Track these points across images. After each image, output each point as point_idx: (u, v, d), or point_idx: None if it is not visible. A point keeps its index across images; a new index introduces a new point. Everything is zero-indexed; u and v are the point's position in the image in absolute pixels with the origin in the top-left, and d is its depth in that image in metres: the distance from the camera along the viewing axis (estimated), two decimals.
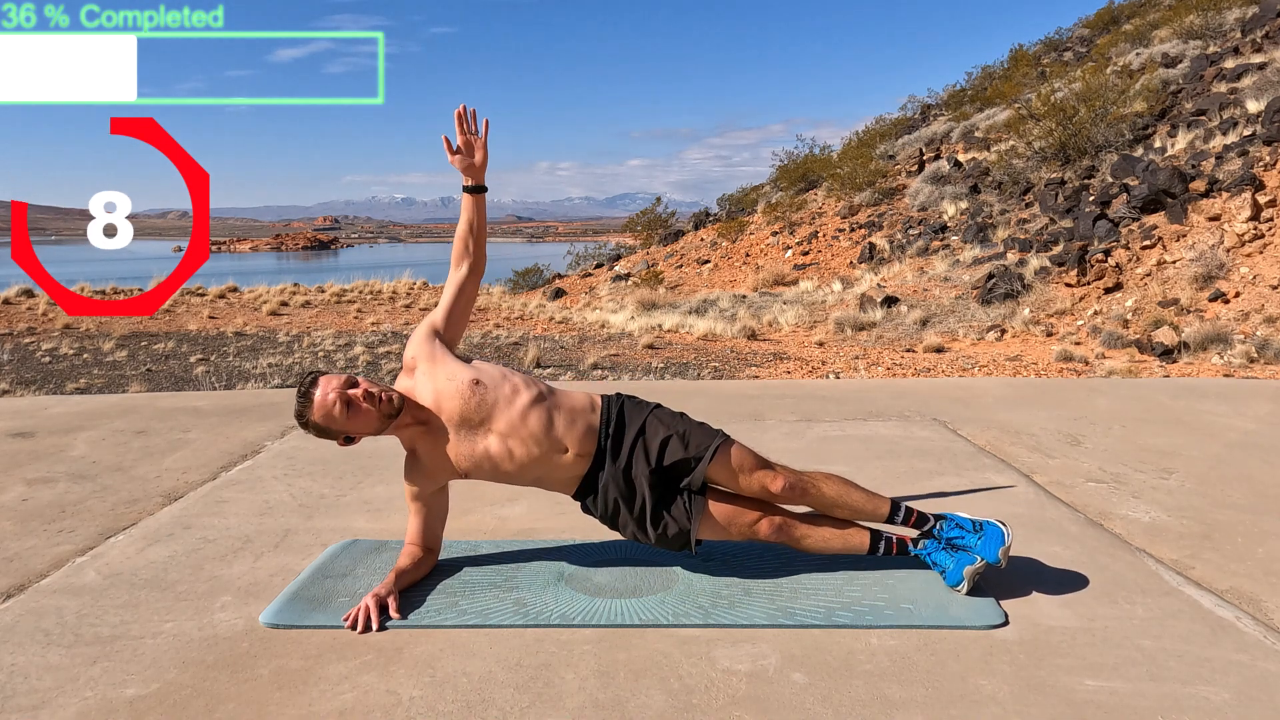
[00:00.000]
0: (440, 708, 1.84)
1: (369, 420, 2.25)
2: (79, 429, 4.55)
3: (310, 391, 2.24)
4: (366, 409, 2.23)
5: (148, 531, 2.97)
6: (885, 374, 8.85)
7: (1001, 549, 2.29)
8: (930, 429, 4.36)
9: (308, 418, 2.25)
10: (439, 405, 2.29)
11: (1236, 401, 5.01)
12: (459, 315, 2.43)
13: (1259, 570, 2.56)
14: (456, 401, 2.28)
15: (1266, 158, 11.83)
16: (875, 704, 1.83)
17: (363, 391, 2.23)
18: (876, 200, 22.06)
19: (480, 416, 2.28)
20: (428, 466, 2.36)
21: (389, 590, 2.27)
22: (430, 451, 2.34)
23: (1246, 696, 1.85)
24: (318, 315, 14.65)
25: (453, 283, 2.44)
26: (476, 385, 2.28)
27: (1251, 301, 9.81)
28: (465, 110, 2.44)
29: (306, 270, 65.80)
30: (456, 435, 2.30)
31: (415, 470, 2.39)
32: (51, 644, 2.14)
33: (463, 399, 2.28)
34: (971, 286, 13.13)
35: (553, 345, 11.35)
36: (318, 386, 2.25)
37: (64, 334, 12.17)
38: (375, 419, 2.25)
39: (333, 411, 2.22)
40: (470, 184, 2.44)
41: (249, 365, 9.64)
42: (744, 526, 2.37)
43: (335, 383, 2.24)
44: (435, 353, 2.35)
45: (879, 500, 2.41)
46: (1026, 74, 25.03)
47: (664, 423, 2.39)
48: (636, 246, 31.12)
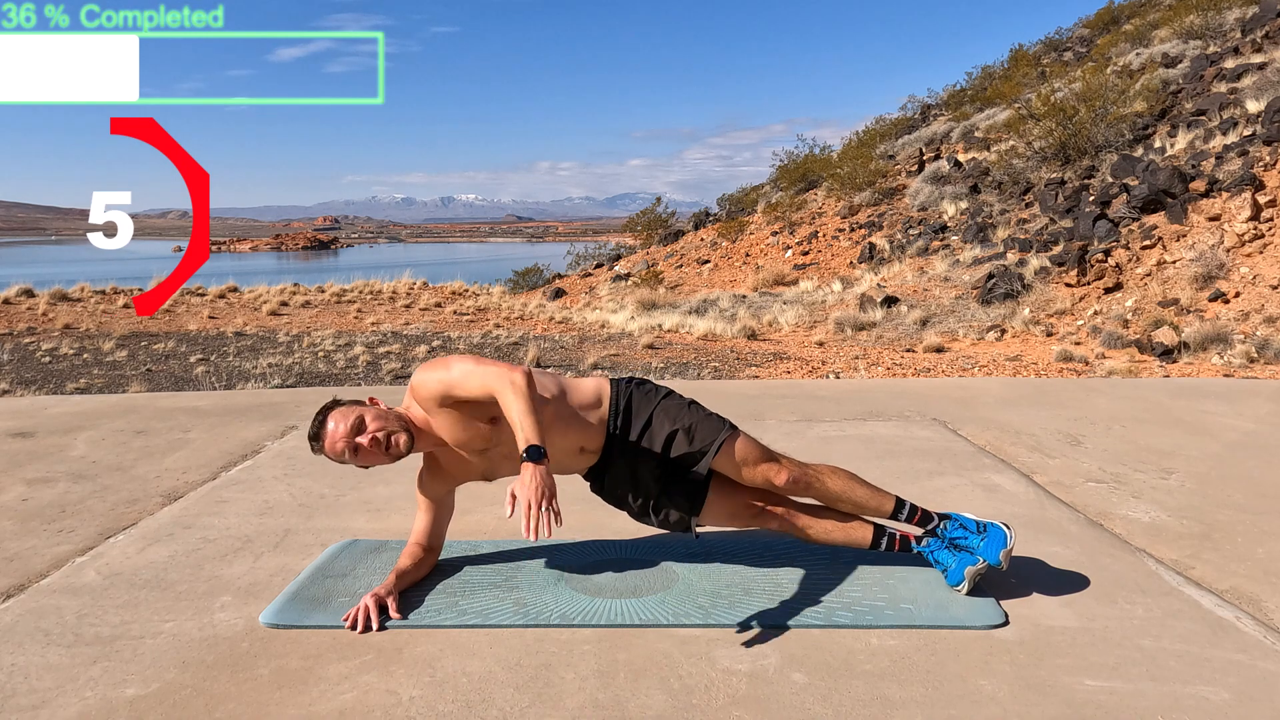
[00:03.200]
0: (440, 708, 1.84)
1: (379, 460, 2.25)
2: (79, 429, 4.55)
3: (321, 431, 2.23)
4: (374, 453, 2.22)
5: (148, 531, 2.98)
6: (885, 374, 8.85)
7: (1003, 551, 2.29)
8: (930, 429, 4.36)
9: (320, 450, 2.25)
10: (456, 439, 2.31)
11: (1236, 401, 5.01)
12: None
13: (1259, 570, 2.56)
14: (475, 438, 2.30)
15: (1266, 158, 11.83)
16: (875, 704, 1.83)
17: (369, 439, 2.20)
18: (876, 200, 22.05)
19: (497, 442, 2.31)
20: (448, 472, 2.40)
21: (389, 590, 2.28)
22: (451, 462, 2.38)
23: (1246, 696, 1.85)
24: (318, 315, 14.64)
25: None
26: (494, 423, 2.27)
27: (1251, 301, 9.81)
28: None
29: (306, 270, 65.80)
30: (475, 456, 2.34)
31: (435, 472, 2.41)
32: (51, 644, 2.14)
33: (482, 438, 2.30)
34: (971, 286, 13.13)
35: (553, 345, 11.35)
36: (330, 419, 2.23)
37: (64, 334, 12.17)
38: (386, 459, 2.25)
39: (342, 456, 2.23)
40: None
41: (249, 365, 9.64)
42: (748, 517, 2.39)
43: (344, 428, 2.20)
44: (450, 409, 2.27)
45: (883, 496, 2.42)
46: (1026, 74, 25.00)
47: (671, 416, 2.38)
48: (636, 246, 31.09)
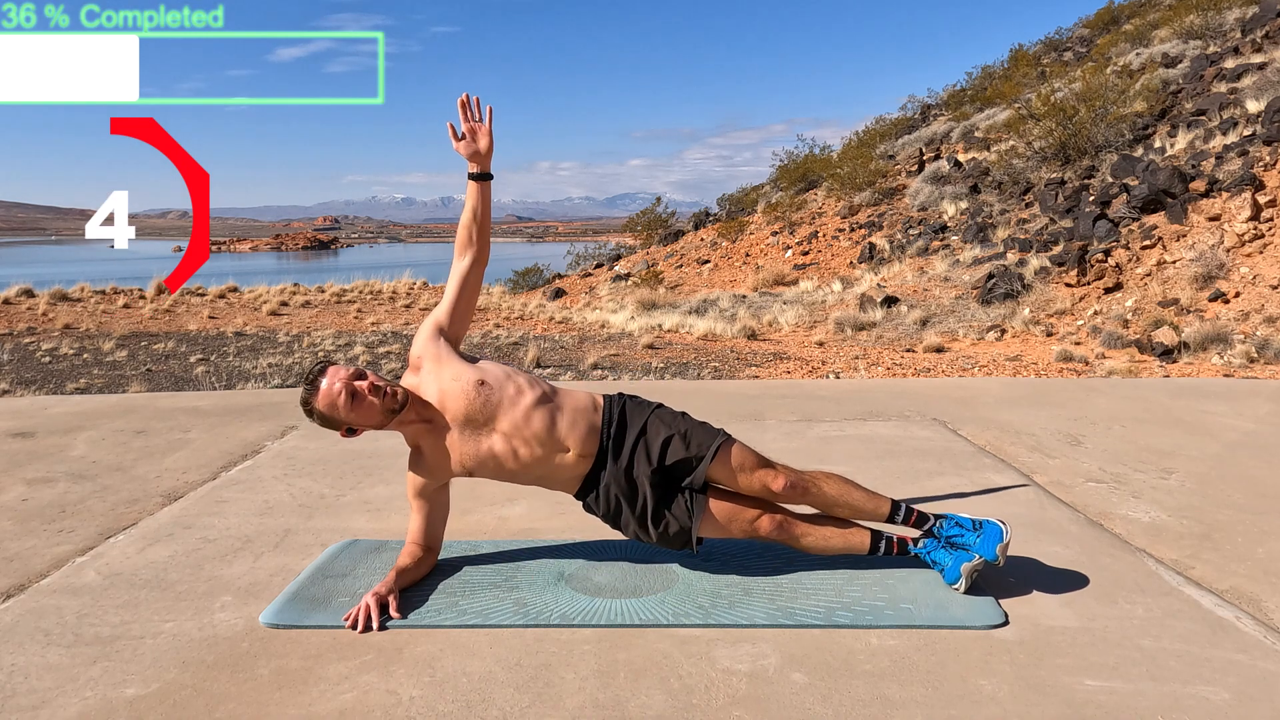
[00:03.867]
0: (440, 708, 1.84)
1: (372, 413, 2.26)
2: (79, 429, 4.55)
3: (318, 380, 2.27)
4: (371, 402, 2.24)
5: (148, 531, 2.97)
6: (885, 374, 8.85)
7: (1000, 546, 2.29)
8: (930, 429, 4.36)
9: (312, 405, 2.27)
10: (443, 404, 2.31)
11: (1236, 401, 5.01)
12: (463, 310, 2.44)
13: (1259, 570, 2.56)
14: (461, 401, 2.29)
15: (1266, 158, 11.83)
16: (875, 704, 1.83)
17: (369, 384, 2.25)
18: (876, 200, 22.05)
19: (484, 416, 2.30)
20: (431, 464, 2.38)
21: (389, 590, 2.28)
22: (434, 449, 2.35)
23: (1246, 696, 1.85)
24: (318, 315, 14.64)
25: (456, 274, 2.44)
26: (481, 386, 2.29)
27: (1251, 301, 9.81)
28: (469, 99, 2.45)
29: (306, 270, 65.79)
30: (461, 434, 2.31)
31: (419, 467, 2.40)
32: (51, 644, 2.14)
33: (467, 399, 2.29)
34: (971, 286, 13.13)
35: (553, 345, 11.35)
36: (325, 375, 2.27)
37: (64, 334, 12.17)
38: (378, 413, 2.26)
39: (337, 401, 2.24)
40: (475, 170, 2.45)
41: (249, 365, 9.64)
42: (744, 524, 2.38)
43: (343, 373, 2.26)
44: (440, 352, 2.36)
45: (880, 500, 2.42)
46: (1026, 74, 25.00)
47: (665, 422, 2.41)
48: (636, 246, 31.09)
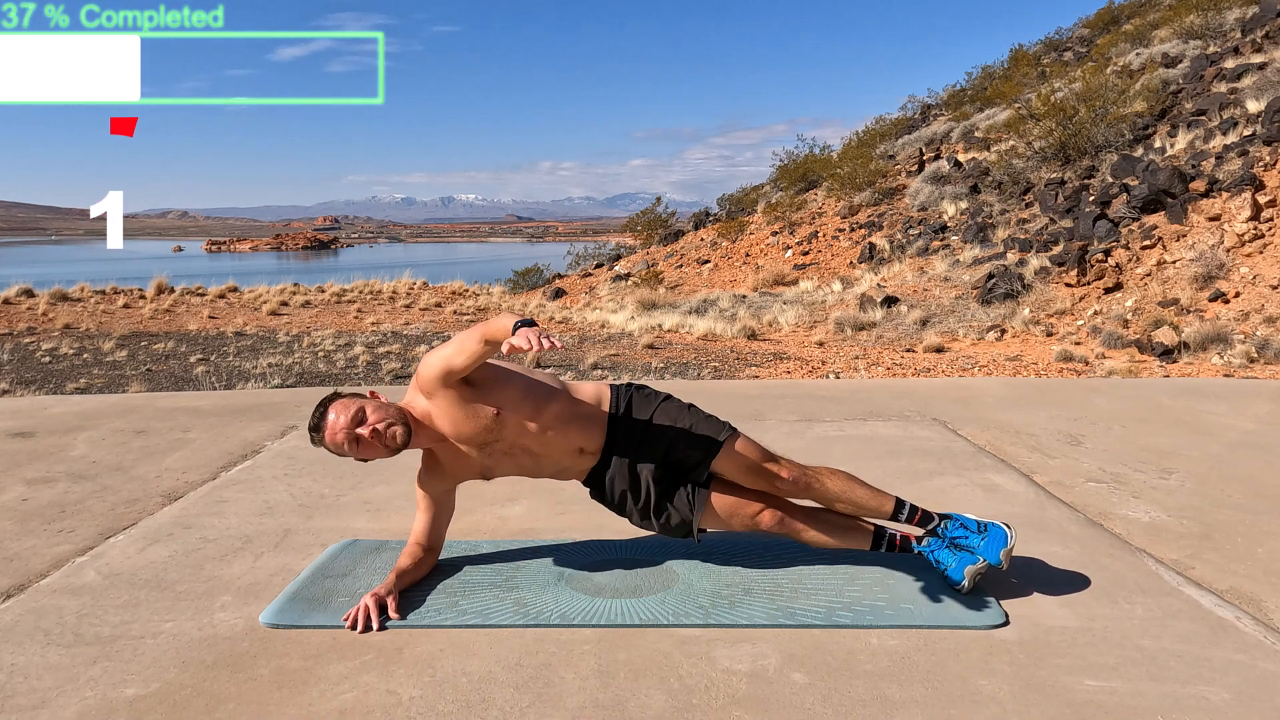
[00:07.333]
0: (440, 708, 1.84)
1: (377, 452, 2.27)
2: (79, 429, 4.55)
3: (321, 423, 2.26)
4: (373, 444, 2.24)
5: (148, 531, 2.97)
6: (885, 374, 8.85)
7: (1004, 550, 2.29)
8: (930, 429, 4.36)
9: (320, 441, 2.27)
10: (457, 431, 2.30)
11: (1236, 401, 5.01)
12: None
13: (1259, 570, 2.56)
14: (479, 431, 2.30)
15: (1266, 158, 11.83)
16: (875, 704, 1.83)
17: (369, 430, 2.22)
18: (876, 200, 22.04)
19: (499, 437, 2.31)
20: (447, 469, 2.40)
21: (389, 590, 2.28)
22: (450, 459, 2.37)
23: (1246, 696, 1.85)
24: (318, 315, 14.64)
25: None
26: (498, 416, 2.28)
27: (1251, 301, 9.81)
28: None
29: (306, 270, 65.79)
30: (475, 450, 2.33)
31: (434, 470, 2.41)
32: (51, 644, 2.14)
33: (486, 430, 2.30)
34: (971, 286, 13.12)
35: None
36: (330, 414, 2.25)
37: (64, 334, 12.17)
38: (384, 452, 2.27)
39: (342, 447, 2.25)
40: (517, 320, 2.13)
41: (249, 365, 9.63)
42: (746, 518, 2.38)
43: (344, 420, 2.23)
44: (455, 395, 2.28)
45: (883, 497, 2.41)
46: (1026, 74, 24.99)
47: (671, 416, 2.41)
48: (636, 246, 31.07)
